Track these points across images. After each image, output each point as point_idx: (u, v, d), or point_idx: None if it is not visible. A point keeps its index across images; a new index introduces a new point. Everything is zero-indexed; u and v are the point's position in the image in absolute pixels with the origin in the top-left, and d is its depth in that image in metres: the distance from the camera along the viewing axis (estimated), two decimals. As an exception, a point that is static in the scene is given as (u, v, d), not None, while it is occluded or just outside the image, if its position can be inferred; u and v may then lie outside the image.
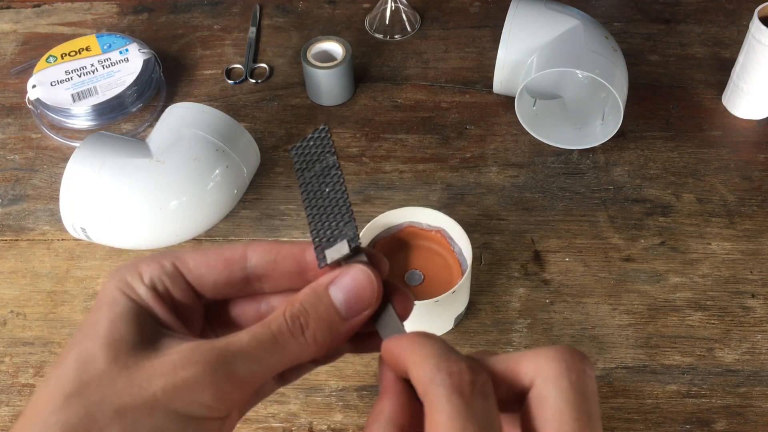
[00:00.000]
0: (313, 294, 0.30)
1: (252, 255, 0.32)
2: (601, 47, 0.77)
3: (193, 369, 0.28)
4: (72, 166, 0.67)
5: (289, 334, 0.29)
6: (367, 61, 0.91)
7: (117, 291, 0.31)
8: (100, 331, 0.29)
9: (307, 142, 0.33)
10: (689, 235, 0.73)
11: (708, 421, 0.60)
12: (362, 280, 0.30)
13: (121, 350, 0.28)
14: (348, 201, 0.32)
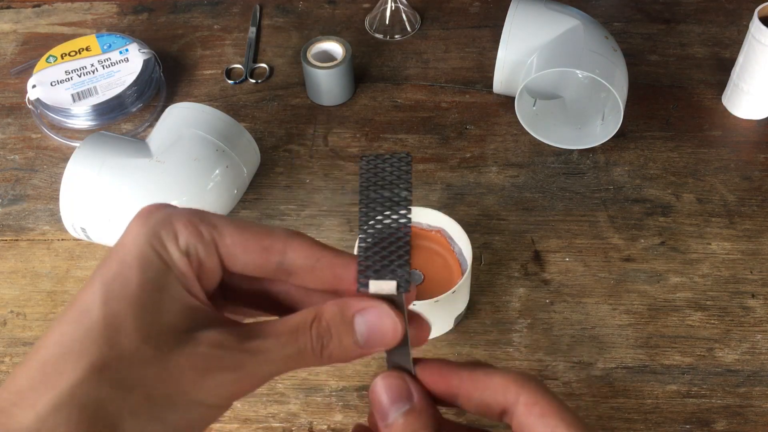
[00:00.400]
0: (340, 318, 0.30)
1: (292, 253, 0.31)
2: (601, 47, 0.77)
3: (223, 373, 0.28)
4: (72, 166, 0.67)
5: (311, 351, 0.30)
6: (367, 61, 0.91)
7: (150, 248, 0.29)
8: (130, 294, 0.28)
9: (384, 161, 0.31)
10: (689, 235, 0.73)
11: (708, 421, 0.60)
12: (388, 324, 0.30)
13: (153, 328, 0.27)
14: (410, 244, 0.31)
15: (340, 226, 0.74)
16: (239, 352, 0.28)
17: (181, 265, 0.29)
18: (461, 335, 0.66)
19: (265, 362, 0.29)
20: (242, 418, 0.61)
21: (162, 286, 0.28)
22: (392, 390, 0.31)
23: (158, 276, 0.28)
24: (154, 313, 0.28)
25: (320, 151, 0.81)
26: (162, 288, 0.28)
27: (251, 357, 0.28)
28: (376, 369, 0.64)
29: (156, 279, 0.28)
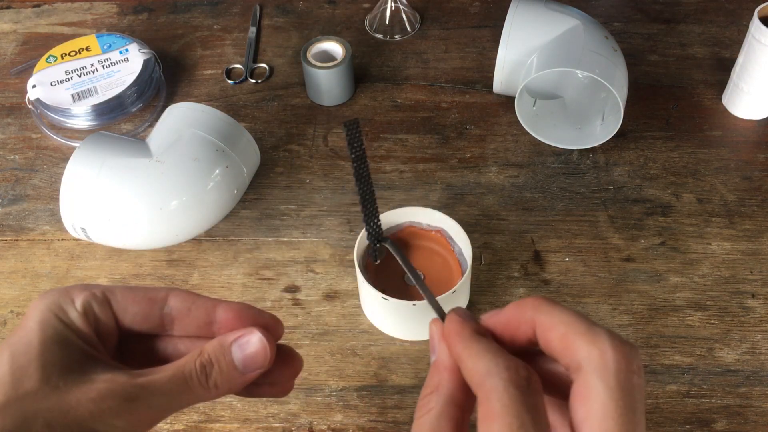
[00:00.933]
0: (219, 348, 0.35)
1: (172, 299, 0.37)
2: (601, 47, 0.77)
3: (116, 401, 0.32)
4: (72, 166, 0.67)
5: (197, 380, 0.34)
6: (367, 61, 0.91)
7: (50, 313, 0.34)
8: (33, 350, 0.33)
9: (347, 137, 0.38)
10: (689, 235, 0.73)
11: (708, 421, 0.60)
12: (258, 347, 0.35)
13: (53, 372, 0.32)
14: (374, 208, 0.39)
15: (340, 226, 0.74)
16: (130, 386, 0.33)
17: (79, 323, 0.35)
18: (461, 335, 0.66)
19: (155, 393, 0.33)
20: (242, 418, 0.61)
21: (61, 341, 0.34)
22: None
23: (57, 333, 0.34)
24: (53, 361, 0.33)
25: (320, 151, 0.81)
26: (61, 342, 0.33)
27: (142, 389, 0.33)
28: (375, 369, 0.64)
29: (55, 336, 0.34)
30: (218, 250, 0.73)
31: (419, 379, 0.64)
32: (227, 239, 0.74)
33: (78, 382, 0.32)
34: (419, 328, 0.65)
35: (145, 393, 0.33)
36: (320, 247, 0.73)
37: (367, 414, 0.61)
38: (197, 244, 0.74)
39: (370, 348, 0.65)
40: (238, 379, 0.35)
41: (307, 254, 0.72)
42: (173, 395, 0.34)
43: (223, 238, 0.74)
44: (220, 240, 0.74)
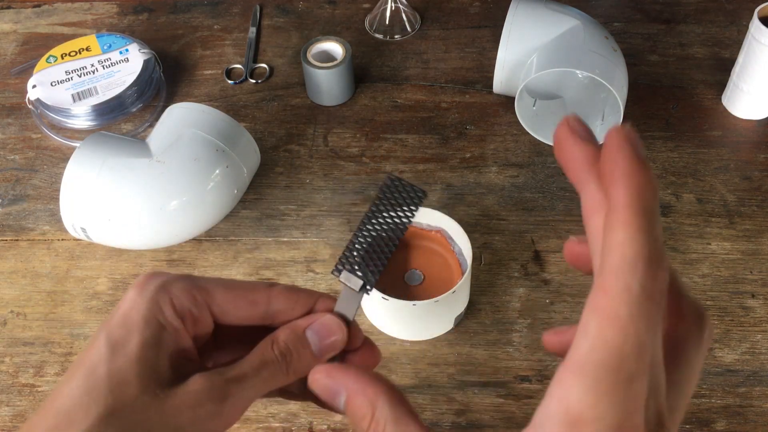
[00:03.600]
0: (293, 335, 0.36)
1: (274, 302, 0.36)
2: (601, 47, 0.77)
3: (213, 405, 0.33)
4: (72, 166, 0.67)
5: (278, 369, 0.35)
6: (367, 61, 0.91)
7: (149, 312, 0.33)
8: (131, 352, 0.32)
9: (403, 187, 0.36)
10: (689, 235, 0.73)
11: (708, 421, 0.60)
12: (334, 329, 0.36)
13: (151, 379, 0.32)
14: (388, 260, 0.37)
15: (340, 226, 0.74)
16: (223, 387, 0.33)
17: (176, 325, 0.34)
18: (461, 335, 0.66)
19: (245, 389, 0.34)
20: (242, 418, 0.61)
21: (158, 344, 0.33)
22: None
23: (155, 336, 0.33)
24: (151, 367, 0.32)
25: (320, 151, 0.81)
26: (158, 346, 0.33)
27: (233, 389, 0.33)
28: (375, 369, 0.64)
29: (153, 338, 0.33)
30: (218, 250, 0.73)
31: (419, 378, 0.64)
32: (227, 239, 0.74)
33: (175, 388, 0.32)
34: (419, 328, 0.65)
35: (235, 391, 0.33)
36: (320, 247, 0.73)
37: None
38: (197, 244, 0.74)
39: (370, 348, 0.65)
40: (313, 363, 0.35)
41: (307, 254, 0.72)
42: (259, 388, 0.34)
43: (224, 238, 0.74)
44: (221, 240, 0.74)
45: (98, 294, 0.70)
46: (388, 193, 0.36)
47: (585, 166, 0.27)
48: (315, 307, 0.37)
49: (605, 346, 0.24)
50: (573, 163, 0.28)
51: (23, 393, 0.64)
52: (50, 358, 0.66)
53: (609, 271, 0.24)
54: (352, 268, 0.37)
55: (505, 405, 0.62)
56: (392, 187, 0.36)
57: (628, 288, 0.23)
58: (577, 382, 0.24)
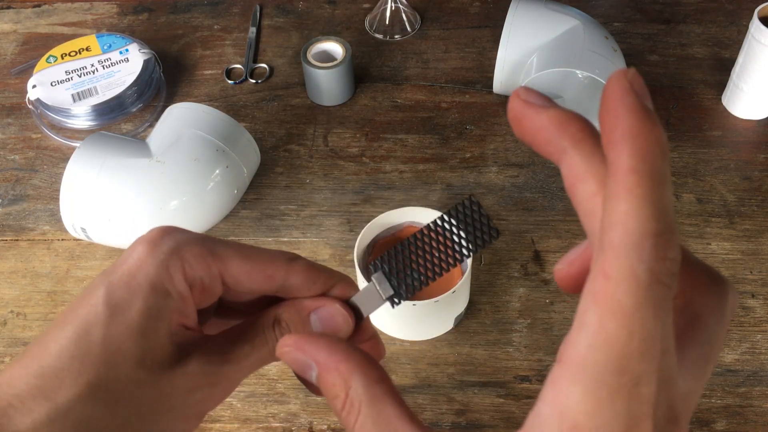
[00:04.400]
0: (297, 317, 0.33)
1: (293, 278, 0.33)
2: (601, 47, 0.77)
3: (208, 389, 0.31)
4: (72, 166, 0.67)
5: (275, 349, 0.31)
6: (367, 61, 0.91)
7: (157, 277, 0.30)
8: (131, 320, 0.29)
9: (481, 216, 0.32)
10: (689, 235, 0.73)
11: (708, 421, 0.60)
12: (339, 320, 0.33)
13: (150, 352, 0.29)
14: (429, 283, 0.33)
15: (340, 226, 0.74)
16: (221, 368, 0.31)
17: (184, 294, 0.30)
18: (461, 335, 0.66)
19: (244, 368, 0.32)
20: (242, 418, 0.61)
21: (160, 314, 0.30)
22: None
23: (158, 304, 0.30)
24: (149, 339, 0.29)
25: (320, 151, 0.81)
26: (160, 316, 0.30)
27: (233, 366, 0.31)
28: (376, 369, 0.64)
29: (156, 307, 0.30)
30: (218, 250, 0.73)
31: (419, 378, 0.64)
32: (227, 239, 0.74)
33: (174, 370, 0.30)
34: (419, 328, 0.65)
35: (231, 374, 0.31)
36: (320, 247, 0.73)
37: (367, 414, 0.61)
38: (197, 244, 0.73)
39: (370, 348, 0.65)
40: None
41: (307, 254, 0.72)
42: (254, 367, 0.32)
43: (223, 238, 0.74)
44: (220, 240, 0.74)
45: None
46: (461, 215, 0.32)
47: (555, 134, 0.23)
48: (332, 289, 0.34)
49: (607, 342, 0.20)
50: (540, 134, 0.24)
51: (23, 393, 0.64)
52: (50, 358, 0.66)
53: (610, 251, 0.20)
54: (389, 273, 0.33)
55: (504, 405, 0.62)
56: (469, 210, 0.32)
57: (633, 272, 0.20)
58: (573, 385, 0.20)
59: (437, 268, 0.32)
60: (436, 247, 0.32)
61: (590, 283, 0.21)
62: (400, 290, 0.33)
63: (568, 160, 0.23)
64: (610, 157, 0.21)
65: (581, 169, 0.23)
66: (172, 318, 0.30)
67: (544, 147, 0.24)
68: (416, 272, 0.32)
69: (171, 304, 0.30)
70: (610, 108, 0.21)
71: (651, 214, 0.20)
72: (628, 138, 0.20)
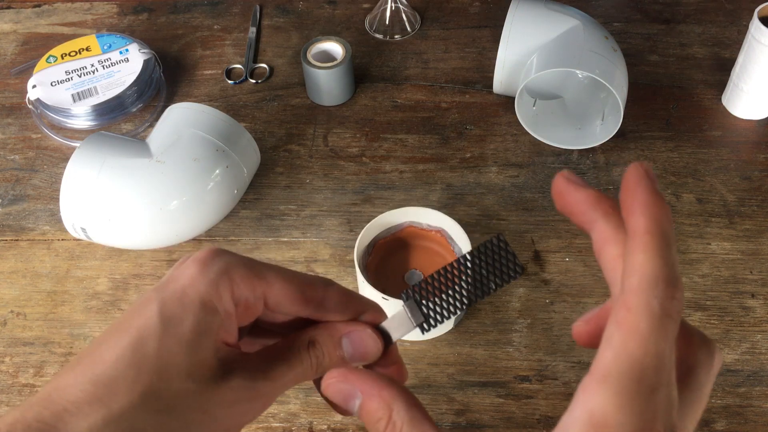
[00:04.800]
0: (329, 340, 0.36)
1: (328, 302, 0.36)
2: (601, 47, 0.77)
3: (248, 404, 0.33)
4: (72, 166, 0.67)
5: (309, 370, 0.35)
6: (367, 61, 0.91)
7: (208, 295, 0.32)
8: (184, 334, 0.31)
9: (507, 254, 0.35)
10: (689, 235, 0.73)
11: (708, 421, 0.60)
12: (370, 345, 0.36)
13: (199, 366, 0.32)
14: (456, 315, 0.36)
15: (340, 226, 0.74)
16: (262, 382, 0.33)
17: (230, 312, 0.33)
18: (461, 335, 0.66)
19: (279, 387, 0.34)
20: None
21: (208, 330, 0.32)
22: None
23: (207, 321, 0.32)
24: (198, 353, 0.32)
25: (320, 151, 0.81)
26: (208, 332, 0.32)
27: (271, 383, 0.34)
28: (376, 369, 0.64)
29: (205, 323, 0.32)
30: (218, 250, 0.73)
31: (419, 378, 0.64)
32: (227, 239, 0.74)
33: (219, 383, 0.32)
34: (419, 328, 0.65)
35: (268, 391, 0.34)
36: (320, 247, 0.73)
37: (367, 414, 0.61)
38: (197, 244, 0.74)
39: (370, 348, 0.65)
40: (341, 365, 0.36)
41: (307, 254, 0.72)
42: (288, 385, 0.35)
43: (223, 238, 0.74)
44: (221, 240, 0.74)
45: (98, 294, 0.70)
46: (489, 252, 0.35)
47: (590, 207, 0.30)
48: (363, 315, 0.37)
49: (628, 357, 0.25)
50: (579, 206, 0.30)
51: (23, 393, 0.64)
52: (50, 358, 0.66)
53: (630, 290, 0.26)
54: (420, 301, 0.36)
55: (504, 405, 0.62)
56: (497, 247, 0.35)
57: (649, 305, 0.25)
58: (601, 390, 0.25)
59: (465, 299, 0.36)
60: (465, 280, 0.35)
61: (614, 315, 0.26)
62: (429, 318, 0.36)
63: (599, 228, 0.29)
64: (630, 223, 0.27)
65: (609, 235, 0.29)
66: (219, 334, 0.32)
67: (579, 217, 0.30)
68: (446, 302, 0.36)
69: (218, 321, 0.32)
70: (630, 188, 0.28)
71: (663, 264, 0.26)
72: (645, 208, 0.27)
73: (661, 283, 0.26)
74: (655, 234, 0.26)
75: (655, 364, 0.25)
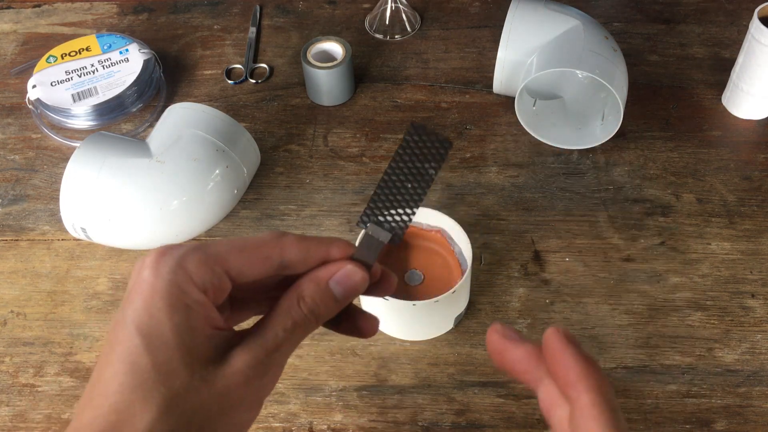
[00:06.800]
0: (317, 289, 0.36)
1: (287, 253, 0.36)
2: (601, 47, 0.77)
3: (260, 377, 0.33)
4: (72, 166, 0.67)
5: (309, 325, 0.35)
6: (367, 61, 0.91)
7: (172, 295, 0.33)
8: (168, 340, 0.32)
9: (429, 136, 0.35)
10: (689, 235, 0.73)
11: (708, 421, 0.60)
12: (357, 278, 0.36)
13: (194, 362, 0.32)
14: (415, 211, 0.36)
15: (340, 226, 0.74)
16: (266, 357, 0.33)
17: (201, 301, 0.33)
18: (461, 335, 0.66)
19: (284, 352, 0.35)
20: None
21: (191, 327, 0.32)
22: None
23: (186, 319, 0.32)
24: (192, 351, 0.32)
25: (320, 151, 0.81)
26: (192, 328, 0.33)
27: (275, 354, 0.34)
28: (375, 369, 0.64)
29: (184, 322, 0.32)
30: (218, 250, 0.73)
31: (419, 379, 0.64)
32: (219, 238, 0.74)
33: (218, 367, 0.33)
34: (419, 328, 0.65)
35: (276, 360, 0.34)
36: (320, 247, 0.73)
37: (367, 414, 0.62)
38: (197, 244, 0.73)
39: (370, 348, 0.65)
40: (338, 308, 0.37)
41: (307, 254, 0.72)
42: (293, 347, 0.35)
43: (224, 238, 0.74)
44: (220, 240, 0.74)
45: (98, 294, 0.70)
46: (412, 143, 0.35)
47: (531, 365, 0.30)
48: (330, 254, 0.37)
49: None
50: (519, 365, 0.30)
51: (23, 393, 0.64)
52: (50, 358, 0.66)
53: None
54: (379, 221, 0.36)
55: (505, 405, 0.62)
56: (416, 135, 0.35)
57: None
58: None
59: (415, 196, 0.36)
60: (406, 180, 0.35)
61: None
62: (394, 231, 0.36)
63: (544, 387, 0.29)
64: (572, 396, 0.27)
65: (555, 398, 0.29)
66: (202, 326, 0.33)
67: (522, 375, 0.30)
68: (400, 208, 0.36)
69: (195, 315, 0.33)
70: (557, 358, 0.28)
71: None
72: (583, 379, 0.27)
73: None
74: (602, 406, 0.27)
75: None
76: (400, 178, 0.35)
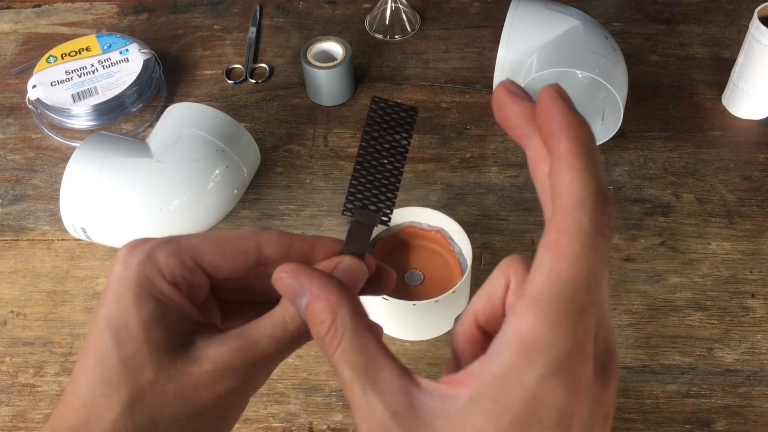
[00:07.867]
0: None
1: (266, 247, 0.34)
2: (601, 47, 0.77)
3: (232, 380, 0.31)
4: (72, 166, 0.67)
5: (305, 332, 0.33)
6: (367, 61, 0.91)
7: (140, 288, 0.31)
8: (135, 335, 0.31)
9: (393, 109, 0.34)
10: (689, 235, 0.73)
11: (708, 421, 0.60)
12: (357, 272, 0.34)
13: (162, 357, 0.31)
14: (398, 187, 0.35)
15: (340, 226, 0.74)
16: (242, 359, 0.31)
17: (172, 295, 0.32)
18: (461, 335, 0.66)
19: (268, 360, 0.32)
20: (242, 417, 0.61)
21: (159, 320, 0.31)
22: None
23: (153, 312, 0.31)
24: (159, 345, 0.31)
25: (320, 151, 0.81)
26: (160, 321, 0.31)
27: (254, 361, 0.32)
28: (376, 369, 0.64)
29: (152, 315, 0.31)
30: (218, 250, 0.73)
31: (419, 379, 0.64)
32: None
33: (188, 363, 0.31)
34: (419, 328, 0.65)
35: (257, 365, 0.32)
36: (320, 247, 0.73)
37: (367, 414, 0.61)
38: (197, 244, 0.73)
39: (370, 348, 0.65)
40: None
41: (307, 254, 0.72)
42: (282, 354, 0.33)
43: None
44: (220, 240, 0.74)
45: (98, 294, 0.70)
46: (377, 117, 0.34)
47: (526, 122, 0.29)
48: (315, 250, 0.35)
49: (559, 278, 0.25)
50: (514, 120, 0.29)
51: (23, 393, 0.64)
52: (50, 358, 0.66)
53: (560, 211, 0.25)
54: (364, 205, 0.35)
55: (505, 405, 0.62)
56: (380, 110, 0.34)
57: (579, 224, 0.25)
58: (531, 313, 0.25)
59: (395, 172, 0.35)
60: (381, 157, 0.34)
61: (545, 238, 0.25)
62: (382, 211, 0.35)
63: (533, 144, 0.28)
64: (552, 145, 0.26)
65: (542, 153, 0.28)
66: (171, 318, 0.31)
67: (516, 131, 0.29)
68: (382, 188, 0.35)
69: (164, 308, 0.31)
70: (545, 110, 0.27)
71: (589, 181, 0.25)
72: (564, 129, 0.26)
73: (589, 201, 0.25)
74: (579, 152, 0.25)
75: (586, 283, 0.24)
76: (374, 156, 0.35)
